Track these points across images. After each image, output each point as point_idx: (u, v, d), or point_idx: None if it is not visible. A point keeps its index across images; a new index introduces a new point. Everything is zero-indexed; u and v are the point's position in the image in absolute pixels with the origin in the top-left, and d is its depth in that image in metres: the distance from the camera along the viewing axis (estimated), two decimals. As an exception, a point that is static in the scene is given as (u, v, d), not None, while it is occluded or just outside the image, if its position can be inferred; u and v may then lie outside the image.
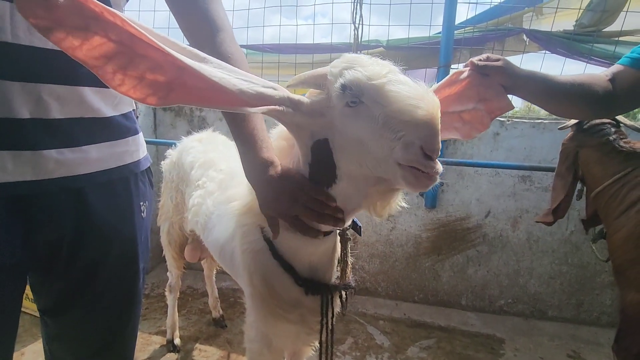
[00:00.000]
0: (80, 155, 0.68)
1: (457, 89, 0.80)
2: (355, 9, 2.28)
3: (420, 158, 0.57)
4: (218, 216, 1.07)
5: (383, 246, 2.41)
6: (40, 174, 0.63)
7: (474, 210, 2.25)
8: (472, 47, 2.25)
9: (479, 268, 2.30)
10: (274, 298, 0.86)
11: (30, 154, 0.62)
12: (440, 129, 0.58)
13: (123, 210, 0.77)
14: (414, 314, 2.29)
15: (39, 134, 0.62)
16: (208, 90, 0.57)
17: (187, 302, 2.30)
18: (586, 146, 1.41)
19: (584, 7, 2.03)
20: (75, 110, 0.66)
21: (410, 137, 0.57)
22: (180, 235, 1.55)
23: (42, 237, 0.67)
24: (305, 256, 0.85)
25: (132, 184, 0.79)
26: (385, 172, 0.61)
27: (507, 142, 2.14)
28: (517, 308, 2.28)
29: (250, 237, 0.87)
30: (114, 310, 0.81)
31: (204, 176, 1.21)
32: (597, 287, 2.15)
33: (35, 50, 0.61)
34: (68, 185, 0.67)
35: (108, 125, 0.72)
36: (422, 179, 0.58)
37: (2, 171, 0.60)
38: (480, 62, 0.79)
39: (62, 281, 0.73)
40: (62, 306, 0.76)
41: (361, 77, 0.60)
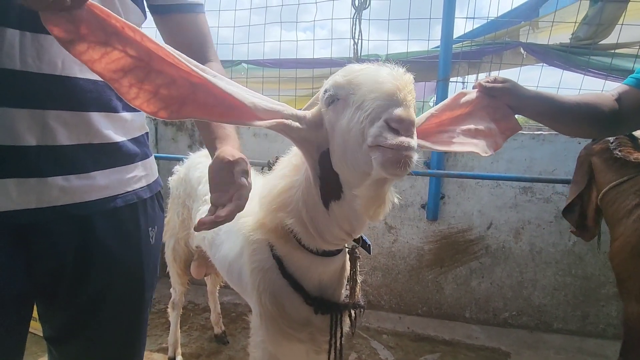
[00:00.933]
0: (87, 182, 0.66)
1: (468, 108, 0.81)
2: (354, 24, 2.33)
3: (384, 131, 0.54)
4: (226, 232, 1.07)
5: (385, 259, 2.40)
6: (44, 202, 0.62)
7: (476, 221, 2.25)
8: (470, 60, 2.28)
9: (482, 280, 2.28)
10: (284, 317, 0.85)
11: (35, 182, 0.61)
12: (410, 103, 0.56)
13: (130, 237, 0.75)
14: (418, 327, 2.26)
15: (45, 161, 0.61)
16: (218, 106, 0.59)
17: (188, 318, 2.27)
18: (593, 154, 1.45)
19: (580, 20, 2.07)
20: (82, 136, 0.66)
21: (376, 112, 0.56)
22: (186, 252, 1.54)
23: (44, 265, 0.65)
24: (315, 275, 0.85)
25: (141, 210, 0.77)
26: (365, 162, 0.58)
27: (507, 153, 2.15)
28: (522, 320, 2.26)
29: (259, 255, 0.87)
30: (119, 341, 0.79)
31: (210, 192, 1.21)
32: (602, 299, 2.14)
33: (44, 77, 0.61)
34: (72, 212, 0.65)
35: (117, 150, 0.71)
36: (390, 157, 0.54)
37: (7, 199, 0.59)
38: (487, 84, 0.81)
39: (66, 311, 0.71)
40: (66, 336, 0.74)
41: (338, 77, 0.64)
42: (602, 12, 1.97)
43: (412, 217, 2.32)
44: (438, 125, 0.79)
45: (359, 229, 0.75)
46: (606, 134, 1.31)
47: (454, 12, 2.15)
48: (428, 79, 2.32)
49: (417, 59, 2.37)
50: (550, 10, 2.17)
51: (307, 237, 0.78)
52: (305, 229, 0.77)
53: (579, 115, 0.85)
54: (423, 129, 0.77)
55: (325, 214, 0.73)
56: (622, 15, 1.98)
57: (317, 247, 0.79)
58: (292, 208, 0.78)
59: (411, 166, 0.55)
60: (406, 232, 2.34)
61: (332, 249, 0.80)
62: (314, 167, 0.72)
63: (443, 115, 0.79)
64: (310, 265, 0.83)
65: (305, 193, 0.76)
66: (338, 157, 0.66)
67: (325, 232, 0.76)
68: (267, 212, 0.81)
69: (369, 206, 0.61)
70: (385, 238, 2.38)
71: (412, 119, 0.56)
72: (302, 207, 0.76)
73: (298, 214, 0.76)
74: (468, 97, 0.81)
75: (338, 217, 0.73)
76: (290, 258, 0.82)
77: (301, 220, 0.76)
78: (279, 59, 2.60)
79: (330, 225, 0.74)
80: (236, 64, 2.70)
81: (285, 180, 0.80)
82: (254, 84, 2.53)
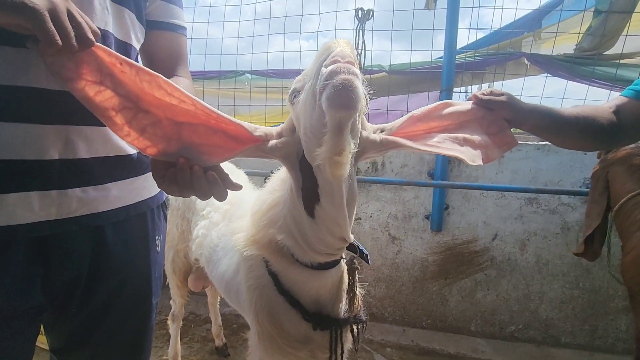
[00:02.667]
0: (102, 193, 0.70)
1: (461, 119, 0.79)
2: (357, 35, 2.34)
3: (323, 69, 0.54)
4: (223, 249, 1.05)
5: (389, 270, 2.37)
6: (63, 213, 0.64)
7: (481, 233, 2.22)
8: (473, 71, 2.28)
9: (487, 292, 2.24)
10: (282, 336, 0.83)
11: (56, 194, 0.64)
12: (348, 50, 0.57)
13: (139, 246, 0.78)
14: (422, 340, 2.22)
15: (65, 174, 0.64)
16: (203, 146, 0.63)
17: (189, 329, 2.25)
18: (612, 163, 1.37)
19: (584, 31, 2.06)
20: (100, 149, 0.69)
21: (318, 67, 0.57)
22: (185, 263, 1.53)
23: (61, 278, 0.67)
24: (313, 290, 0.83)
25: (149, 219, 0.80)
26: (319, 117, 0.58)
27: (512, 164, 2.13)
28: (529, 334, 2.21)
29: (255, 272, 0.86)
30: (126, 347, 0.80)
31: (208, 206, 1.21)
32: (611, 312, 2.09)
33: (67, 94, 0.63)
34: (88, 223, 0.68)
35: (130, 162, 0.75)
36: (331, 87, 0.53)
37: (30, 212, 0.61)
38: (484, 97, 0.79)
39: (75, 320, 0.73)
40: (74, 345, 0.75)
41: (298, 76, 0.68)
42: (606, 23, 1.96)
43: (416, 228, 2.30)
44: (427, 131, 0.78)
45: (345, 224, 0.71)
46: (605, 146, 1.27)
47: (457, 23, 2.15)
48: (431, 89, 2.32)
49: (421, 69, 2.38)
50: (554, 21, 2.16)
51: (300, 251, 0.77)
52: (297, 243, 0.75)
53: (578, 128, 0.83)
54: (408, 132, 0.76)
55: (311, 223, 0.71)
56: (626, 25, 1.97)
57: (312, 261, 0.78)
58: (281, 224, 0.77)
59: (355, 91, 0.53)
60: (410, 243, 2.32)
61: (327, 260, 0.78)
62: (296, 177, 0.71)
63: (432, 123, 0.77)
64: (306, 280, 0.81)
65: (291, 207, 0.75)
66: (304, 138, 0.65)
67: (315, 243, 0.73)
68: (258, 228, 0.80)
69: (329, 158, 0.57)
70: (389, 249, 2.35)
71: (347, 52, 0.56)
72: (291, 222, 0.75)
73: (287, 228, 0.76)
74: (457, 108, 0.79)
75: (325, 220, 0.70)
76: (286, 274, 0.81)
77: (291, 235, 0.76)
78: (283, 69, 2.61)
79: (319, 233, 0.72)
80: (240, 74, 2.71)
81: (274, 195, 0.80)
82: (257, 93, 2.54)
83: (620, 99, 0.90)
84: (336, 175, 0.58)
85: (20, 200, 0.60)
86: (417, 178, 2.27)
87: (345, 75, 0.53)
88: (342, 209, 0.68)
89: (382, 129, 0.76)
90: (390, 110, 2.27)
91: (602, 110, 0.86)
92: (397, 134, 0.75)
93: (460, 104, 0.80)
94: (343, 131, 0.56)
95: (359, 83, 0.53)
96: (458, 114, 0.78)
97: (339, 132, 0.56)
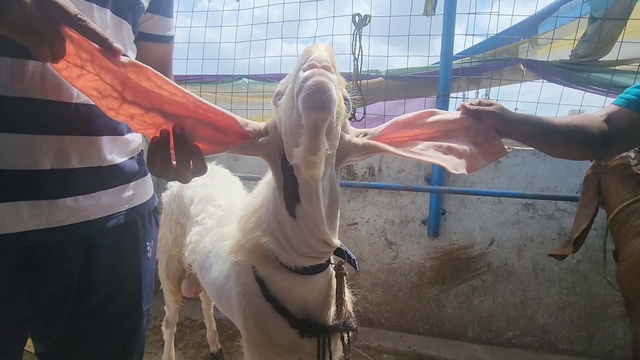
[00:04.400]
0: (92, 202, 0.70)
1: (447, 127, 0.79)
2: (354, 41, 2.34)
3: (300, 74, 0.56)
4: (215, 255, 1.05)
5: (386, 275, 2.36)
6: (53, 222, 0.64)
7: (478, 238, 2.21)
8: (470, 76, 2.29)
9: (484, 298, 2.24)
10: (268, 343, 0.82)
11: (47, 203, 0.64)
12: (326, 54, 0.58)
13: (130, 253, 0.78)
14: (419, 346, 2.21)
15: (56, 184, 0.64)
16: None
17: (184, 335, 2.23)
18: (606, 171, 1.38)
19: (579, 37, 2.07)
20: (93, 159, 0.69)
21: (296, 70, 0.59)
22: (179, 269, 1.52)
23: (50, 288, 0.67)
24: (299, 296, 0.82)
25: (140, 226, 0.80)
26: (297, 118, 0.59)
27: (508, 169, 2.13)
28: (526, 340, 2.20)
29: (244, 277, 0.85)
30: (115, 354, 0.80)
31: (202, 212, 1.20)
32: (608, 319, 2.08)
33: (61, 104, 0.64)
34: (78, 232, 0.68)
35: (120, 171, 0.75)
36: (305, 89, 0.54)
37: (18, 221, 0.61)
38: (472, 107, 0.79)
39: (64, 327, 0.72)
40: (62, 352, 0.75)
41: (283, 79, 0.69)
42: (601, 30, 1.97)
43: (413, 233, 2.29)
44: (412, 138, 0.78)
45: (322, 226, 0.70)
46: (596, 155, 1.27)
47: (454, 29, 2.16)
48: (428, 94, 2.32)
49: (417, 74, 2.38)
50: (550, 27, 2.17)
51: (284, 254, 0.76)
52: (281, 246, 0.75)
53: (568, 138, 0.83)
54: (393, 138, 0.76)
55: (293, 223, 0.71)
56: (621, 32, 1.98)
57: (296, 264, 0.77)
58: (265, 226, 0.77)
59: (328, 93, 0.54)
60: (407, 248, 2.31)
61: (312, 264, 0.77)
62: (278, 177, 0.72)
63: (417, 130, 0.78)
64: (292, 285, 0.80)
65: (274, 208, 0.75)
66: (284, 138, 0.66)
67: (298, 244, 0.73)
68: (244, 233, 0.80)
69: (304, 157, 0.58)
70: (385, 254, 2.34)
71: (323, 57, 0.57)
72: (274, 223, 0.75)
73: (271, 230, 0.76)
74: (444, 116, 0.79)
75: (305, 220, 0.70)
76: (272, 279, 0.80)
77: (275, 237, 0.75)
78: (280, 73, 2.61)
79: (300, 233, 0.71)
80: (237, 78, 2.71)
81: (260, 198, 0.81)
82: (254, 98, 2.54)
83: (612, 107, 0.90)
84: (311, 174, 0.59)
85: (10, 210, 0.60)
86: (414, 183, 2.26)
87: (318, 77, 0.54)
88: (319, 209, 0.67)
89: (365, 133, 0.76)
90: (386, 115, 2.27)
91: (593, 119, 0.86)
92: (381, 138, 0.75)
93: (447, 113, 0.80)
94: (319, 132, 0.56)
95: (332, 86, 0.54)
96: (444, 123, 0.78)
97: (315, 134, 0.56)
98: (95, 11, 0.66)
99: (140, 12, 0.78)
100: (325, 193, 0.70)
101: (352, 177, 2.36)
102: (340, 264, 0.83)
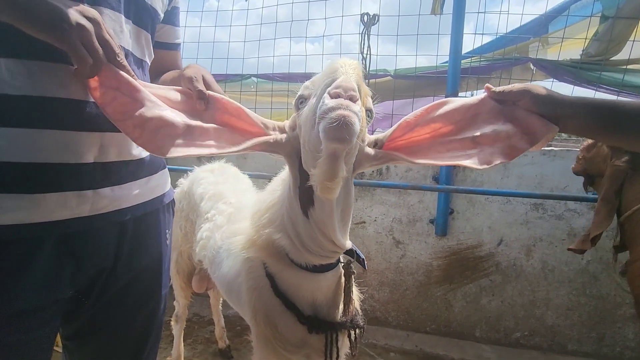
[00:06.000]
0: (125, 192, 0.77)
1: (471, 113, 0.72)
2: (363, 40, 2.35)
3: (326, 100, 0.56)
4: (226, 251, 1.06)
5: (393, 274, 2.36)
6: (94, 210, 0.72)
7: (486, 238, 2.20)
8: (479, 76, 2.28)
9: (492, 298, 2.23)
10: (277, 338, 0.84)
11: (91, 193, 0.71)
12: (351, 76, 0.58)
13: (153, 239, 0.85)
14: (426, 345, 2.21)
15: (98, 175, 0.72)
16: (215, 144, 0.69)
17: (193, 331, 2.26)
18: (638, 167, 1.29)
19: (590, 36, 2.05)
20: (127, 153, 0.77)
21: (322, 90, 0.59)
22: (189, 264, 1.54)
23: (90, 270, 0.74)
24: (308, 292, 0.84)
25: (161, 214, 0.87)
26: (316, 139, 0.60)
27: (517, 169, 2.12)
28: (535, 341, 2.18)
29: (254, 273, 0.87)
30: (138, 334, 0.86)
31: (213, 209, 1.22)
32: (619, 320, 2.06)
33: None
34: (115, 219, 0.76)
35: (145, 164, 0.82)
36: (329, 121, 0.55)
37: (66, 209, 0.68)
38: (497, 89, 0.69)
39: (93, 308, 0.78)
40: (89, 331, 0.80)
41: (306, 82, 0.70)
42: (613, 29, 1.95)
43: (421, 232, 2.29)
44: (432, 134, 0.73)
45: (334, 230, 0.72)
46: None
47: (463, 28, 2.15)
48: (436, 94, 2.32)
49: (426, 74, 2.38)
50: (560, 26, 2.15)
51: (295, 251, 0.78)
52: (292, 243, 0.77)
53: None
54: (409, 139, 0.73)
55: (306, 223, 0.73)
56: (633, 31, 1.95)
57: (306, 262, 0.78)
58: (278, 223, 0.79)
59: (350, 128, 0.55)
60: (414, 247, 2.31)
61: (322, 262, 0.79)
62: (295, 176, 0.74)
63: (434, 125, 0.72)
64: (301, 282, 0.82)
65: (288, 206, 0.77)
66: (302, 148, 0.68)
67: (309, 243, 0.75)
68: (257, 229, 0.82)
69: (321, 182, 0.60)
70: (393, 253, 2.35)
71: (350, 84, 0.57)
72: (287, 221, 0.77)
73: (284, 228, 0.78)
74: (464, 102, 0.72)
75: (318, 222, 0.71)
76: (282, 276, 0.82)
77: (287, 235, 0.77)
78: (288, 73, 2.63)
79: (312, 233, 0.73)
80: (246, 77, 2.74)
81: (274, 195, 0.82)
82: (262, 97, 2.56)
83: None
84: (326, 197, 0.61)
85: (59, 200, 0.67)
86: (422, 182, 2.26)
87: (342, 111, 0.55)
88: (332, 218, 0.70)
89: (375, 141, 0.76)
90: (395, 115, 2.27)
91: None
92: (394, 143, 0.74)
93: (466, 99, 0.73)
94: (337, 159, 0.58)
95: (355, 120, 0.55)
96: (466, 109, 0.71)
97: (333, 160, 0.58)
98: (124, 23, 0.73)
99: (157, 22, 0.85)
100: (339, 202, 0.71)
101: (359, 175, 2.37)
102: (349, 262, 0.85)
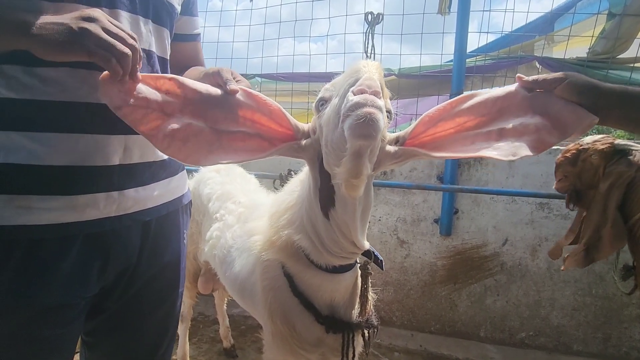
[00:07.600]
0: (149, 193, 0.79)
1: (498, 106, 0.70)
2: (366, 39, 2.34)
3: (350, 96, 0.57)
4: (238, 250, 1.06)
5: (397, 274, 2.36)
6: (121, 210, 0.74)
7: (491, 237, 2.20)
8: (484, 74, 2.27)
9: (497, 298, 2.22)
10: (294, 337, 0.84)
11: (117, 194, 0.73)
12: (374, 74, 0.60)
13: (172, 238, 0.87)
14: (431, 345, 2.20)
15: (124, 177, 0.74)
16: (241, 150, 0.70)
17: (198, 330, 2.26)
18: None
19: (597, 34, 2.03)
20: (149, 155, 0.79)
21: (345, 90, 0.60)
22: (195, 265, 1.54)
23: (116, 269, 0.76)
24: (327, 293, 0.84)
25: (180, 215, 0.89)
26: (340, 138, 0.60)
27: (523, 168, 2.11)
28: (540, 341, 2.18)
29: (270, 272, 0.87)
30: (157, 330, 0.89)
31: (222, 209, 1.22)
32: (625, 320, 2.05)
33: None
34: (140, 218, 0.78)
35: (166, 166, 0.84)
36: (354, 118, 0.55)
37: (96, 209, 0.70)
38: (531, 78, 0.66)
39: (114, 305, 0.80)
40: (111, 327, 0.82)
41: (327, 84, 0.72)
42: (619, 26, 1.93)
43: (425, 231, 2.28)
44: (457, 128, 0.71)
45: (355, 231, 0.72)
46: None
47: (468, 26, 2.14)
48: (441, 93, 2.31)
49: (430, 73, 2.37)
50: (566, 24, 2.14)
51: (315, 253, 0.78)
52: (313, 244, 0.77)
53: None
54: (433, 135, 0.73)
55: (326, 224, 0.73)
56: (640, 29, 1.94)
57: (326, 263, 0.79)
58: (298, 224, 0.79)
59: (375, 124, 0.55)
60: (419, 247, 2.30)
61: (342, 263, 0.79)
62: (315, 178, 0.74)
63: (459, 119, 0.71)
64: (321, 283, 0.82)
65: (308, 207, 0.77)
66: (324, 148, 0.68)
67: (330, 244, 0.75)
68: (276, 229, 0.82)
69: (346, 180, 0.61)
70: (397, 253, 2.34)
71: (374, 82, 0.58)
72: (307, 223, 0.77)
73: (304, 229, 0.78)
74: (491, 95, 0.70)
75: (339, 223, 0.72)
76: (301, 276, 0.82)
77: (308, 236, 0.77)
78: (292, 72, 2.63)
79: (333, 234, 0.74)
80: (249, 77, 2.74)
81: (293, 196, 0.83)
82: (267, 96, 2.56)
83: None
84: (351, 195, 0.62)
85: (90, 201, 0.69)
86: (426, 182, 2.26)
87: (368, 108, 0.55)
88: (355, 219, 0.70)
89: (397, 138, 0.75)
90: (399, 114, 2.27)
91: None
92: (417, 140, 0.73)
93: (493, 91, 0.72)
94: (362, 156, 0.59)
95: (380, 116, 0.56)
96: (493, 101, 0.69)
97: (358, 157, 0.59)
98: (142, 24, 0.74)
99: (175, 17, 0.84)
100: (360, 201, 0.71)
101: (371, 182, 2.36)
102: (366, 263, 0.85)
